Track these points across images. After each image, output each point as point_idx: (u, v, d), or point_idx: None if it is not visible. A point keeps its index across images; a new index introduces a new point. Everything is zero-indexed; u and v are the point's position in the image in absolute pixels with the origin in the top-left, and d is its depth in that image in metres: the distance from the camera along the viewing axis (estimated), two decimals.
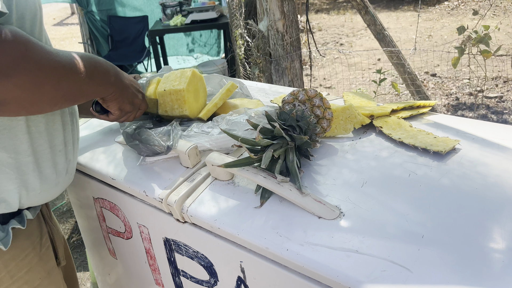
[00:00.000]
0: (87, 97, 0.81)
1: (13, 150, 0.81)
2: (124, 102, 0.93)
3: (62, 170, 0.93)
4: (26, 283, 0.93)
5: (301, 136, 0.84)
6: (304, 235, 0.76)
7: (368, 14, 2.55)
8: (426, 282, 0.64)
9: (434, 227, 0.72)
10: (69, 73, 0.72)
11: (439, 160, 0.88)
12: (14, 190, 0.84)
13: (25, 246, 0.92)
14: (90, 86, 0.78)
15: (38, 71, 0.66)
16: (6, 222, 0.88)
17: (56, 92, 0.71)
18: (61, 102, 0.74)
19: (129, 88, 0.93)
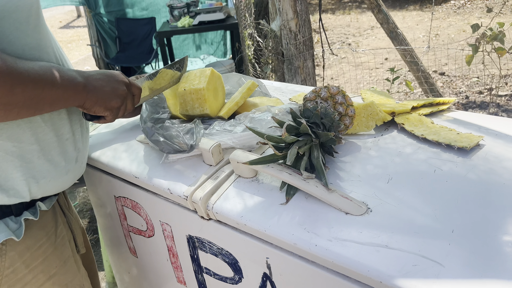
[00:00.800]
0: (51, 104, 0.79)
1: (16, 139, 0.82)
2: (107, 100, 0.90)
3: (72, 158, 0.95)
4: (41, 272, 0.95)
5: (327, 133, 0.85)
6: (332, 230, 0.76)
7: (381, 13, 2.55)
8: (458, 277, 0.64)
9: (464, 222, 0.72)
10: (26, 79, 0.72)
11: (463, 156, 0.89)
12: (20, 178, 0.85)
13: (39, 236, 0.94)
14: (53, 93, 0.77)
15: None
16: (20, 214, 0.90)
17: (12, 97, 0.70)
18: (19, 108, 0.73)
19: (104, 87, 0.90)
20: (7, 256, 0.88)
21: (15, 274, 0.90)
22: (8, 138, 0.82)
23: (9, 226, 0.88)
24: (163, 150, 0.98)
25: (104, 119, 0.95)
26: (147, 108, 1.07)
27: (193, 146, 0.95)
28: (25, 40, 0.80)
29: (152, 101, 1.10)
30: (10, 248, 0.88)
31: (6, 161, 0.83)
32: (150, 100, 1.09)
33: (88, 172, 1.23)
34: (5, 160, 0.82)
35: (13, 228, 0.88)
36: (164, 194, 0.99)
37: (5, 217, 0.88)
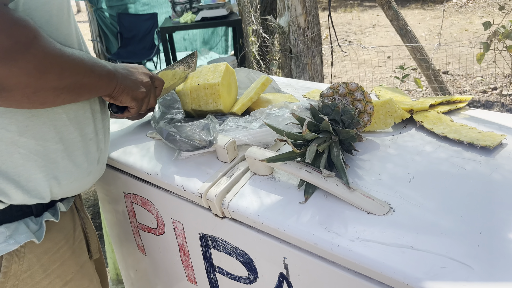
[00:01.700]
0: (89, 91, 0.80)
1: (41, 138, 0.80)
2: (133, 90, 0.91)
3: (94, 159, 0.92)
4: (58, 277, 0.91)
5: (348, 130, 0.82)
6: (354, 230, 0.74)
7: (391, 9, 2.53)
8: (489, 280, 0.62)
9: (492, 223, 0.70)
10: (72, 64, 0.72)
11: (486, 155, 0.87)
12: (43, 178, 0.82)
13: (58, 239, 0.91)
14: (92, 80, 0.78)
15: (44, 58, 0.67)
16: (40, 215, 0.87)
17: (59, 81, 0.71)
18: (64, 94, 0.74)
19: (130, 76, 0.91)
20: (25, 259, 0.84)
21: (31, 278, 0.86)
22: (33, 136, 0.79)
23: (30, 227, 0.84)
24: (181, 149, 0.96)
25: (128, 112, 0.95)
26: (159, 109, 1.05)
27: (212, 141, 0.93)
28: (55, 34, 0.78)
29: (164, 102, 1.07)
30: (28, 251, 0.85)
31: (30, 161, 0.80)
32: (163, 100, 1.07)
33: None
34: (28, 159, 0.79)
35: (33, 229, 0.85)
36: (177, 191, 0.97)
37: (25, 217, 0.84)
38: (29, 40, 0.64)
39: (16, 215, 0.82)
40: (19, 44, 0.63)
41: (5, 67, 0.62)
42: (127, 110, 0.95)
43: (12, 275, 0.83)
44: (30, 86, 0.67)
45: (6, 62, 0.62)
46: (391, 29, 6.70)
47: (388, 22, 5.74)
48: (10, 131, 0.76)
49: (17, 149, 0.78)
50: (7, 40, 0.61)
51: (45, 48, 0.67)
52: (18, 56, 0.63)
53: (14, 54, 0.62)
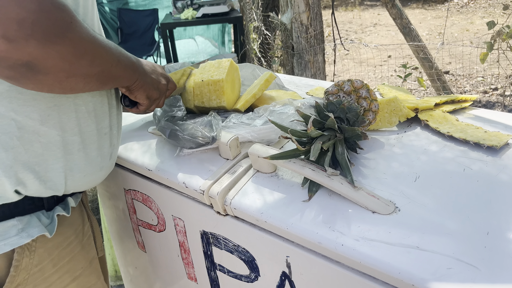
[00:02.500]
0: (114, 80, 0.81)
1: (60, 128, 0.80)
2: (150, 88, 0.91)
3: (107, 154, 0.92)
4: (67, 272, 0.91)
5: (354, 128, 0.81)
6: (358, 230, 0.73)
7: (395, 8, 2.52)
8: (496, 281, 0.61)
9: (499, 224, 0.69)
10: (103, 52, 0.73)
11: (493, 155, 0.86)
12: (59, 169, 0.82)
13: (68, 234, 0.91)
14: (118, 69, 0.79)
15: (79, 43, 0.67)
16: (51, 209, 0.86)
17: (90, 68, 0.71)
18: (93, 81, 0.74)
19: (152, 73, 0.92)
20: (36, 253, 0.84)
21: (41, 273, 0.85)
22: (53, 126, 0.79)
23: (41, 220, 0.83)
24: (185, 146, 0.95)
25: (137, 108, 0.95)
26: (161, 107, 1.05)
27: (215, 137, 0.92)
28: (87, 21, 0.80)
29: (166, 100, 1.07)
30: (40, 245, 0.84)
31: (49, 150, 0.79)
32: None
33: None
34: (48, 149, 0.79)
35: (45, 223, 0.84)
36: (179, 188, 0.96)
37: (37, 211, 0.83)
38: (67, 24, 0.64)
39: (28, 208, 0.82)
40: (57, 27, 0.63)
41: (43, 49, 0.62)
42: (137, 107, 0.95)
43: (23, 269, 0.82)
44: (64, 70, 0.67)
45: (45, 44, 0.61)
46: (392, 28, 6.70)
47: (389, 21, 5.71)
48: (33, 119, 0.76)
49: (38, 138, 0.77)
50: (46, 22, 0.61)
51: (81, 33, 0.67)
52: (56, 39, 0.62)
53: (52, 37, 0.62)
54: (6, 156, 0.75)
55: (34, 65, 0.63)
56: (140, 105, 0.94)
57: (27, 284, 0.84)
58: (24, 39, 0.59)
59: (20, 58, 0.61)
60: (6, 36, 0.58)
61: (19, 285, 0.83)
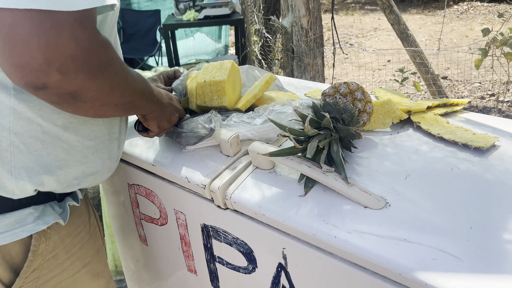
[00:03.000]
0: (136, 110, 0.89)
1: (80, 134, 0.87)
2: (163, 120, 0.98)
3: (115, 156, 0.99)
4: (78, 259, 0.97)
5: (348, 127, 0.86)
6: (351, 223, 0.78)
7: (393, 13, 2.57)
8: (477, 271, 0.66)
9: (482, 219, 0.74)
10: (132, 84, 0.80)
11: (480, 156, 0.90)
12: (76, 172, 0.89)
13: (77, 223, 0.97)
14: (141, 101, 0.86)
15: (117, 76, 0.74)
16: (62, 200, 0.93)
17: (121, 99, 0.78)
18: (120, 110, 0.82)
19: (168, 107, 0.99)
20: (51, 240, 0.90)
21: (56, 259, 0.92)
22: (74, 132, 0.86)
23: (55, 210, 0.90)
24: (189, 143, 1.00)
25: (148, 134, 1.02)
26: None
27: (213, 128, 0.97)
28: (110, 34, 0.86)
29: None
30: (54, 232, 0.91)
31: (69, 155, 0.86)
32: None
33: None
34: (69, 153, 0.86)
35: (58, 212, 0.91)
36: (181, 182, 1.00)
37: (50, 201, 0.90)
38: (109, 60, 0.71)
39: (43, 199, 0.88)
40: (102, 63, 0.70)
41: (88, 81, 0.68)
42: (147, 133, 1.03)
43: (40, 254, 0.89)
44: (100, 100, 0.74)
45: (90, 77, 0.68)
46: (392, 33, 6.75)
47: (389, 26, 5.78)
48: (57, 126, 0.83)
49: (60, 143, 0.84)
50: (94, 59, 0.68)
51: (118, 67, 0.75)
52: (99, 73, 0.70)
53: (97, 71, 0.69)
54: (29, 158, 0.81)
55: (78, 94, 0.70)
56: (151, 132, 1.01)
57: (42, 269, 0.90)
58: (74, 72, 0.66)
59: (67, 88, 0.67)
60: (60, 70, 0.64)
61: (35, 269, 0.89)
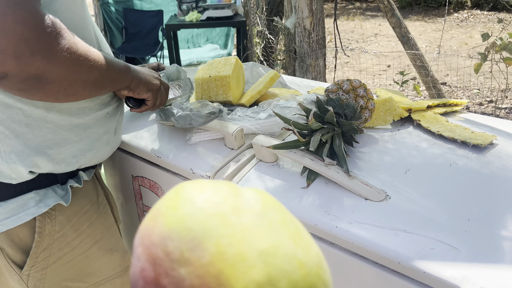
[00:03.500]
0: (111, 84, 0.87)
1: (66, 113, 0.88)
2: (148, 82, 0.97)
3: (111, 130, 0.99)
4: (88, 236, 1.00)
5: (351, 122, 0.88)
6: (352, 214, 0.80)
7: (394, 17, 2.61)
8: (474, 261, 0.68)
9: (479, 212, 0.76)
10: (97, 59, 0.79)
11: (478, 153, 0.93)
12: (70, 150, 0.90)
13: (83, 203, 0.99)
14: (112, 73, 0.85)
15: (77, 52, 0.74)
16: (65, 183, 0.95)
17: (89, 75, 0.78)
18: (91, 86, 0.81)
19: (143, 71, 0.98)
20: (57, 221, 0.93)
21: (64, 238, 0.95)
22: (58, 112, 0.86)
23: (57, 192, 0.92)
24: (193, 124, 1.01)
25: (145, 105, 1.02)
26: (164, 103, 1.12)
27: (221, 110, 1.00)
28: (72, 19, 0.84)
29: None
30: (59, 213, 0.93)
31: (58, 134, 0.88)
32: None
33: None
34: (56, 133, 0.87)
35: (61, 194, 0.93)
36: (186, 174, 1.02)
37: (52, 185, 0.92)
38: (63, 37, 0.71)
39: (44, 183, 0.90)
40: (56, 41, 0.69)
41: (47, 61, 0.69)
42: (144, 104, 1.02)
43: (47, 235, 0.92)
44: (67, 78, 0.74)
45: (48, 56, 0.68)
46: (392, 39, 6.79)
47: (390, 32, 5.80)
48: (39, 108, 0.83)
49: (46, 124, 0.85)
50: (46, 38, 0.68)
51: (77, 44, 0.74)
52: (56, 51, 0.70)
53: (53, 50, 0.69)
54: (17, 142, 0.83)
55: (42, 76, 0.70)
56: (146, 100, 1.01)
57: (52, 248, 0.93)
58: (31, 55, 0.66)
59: (29, 71, 0.68)
60: (15, 55, 0.65)
61: (45, 249, 0.92)
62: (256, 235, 0.28)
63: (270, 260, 0.27)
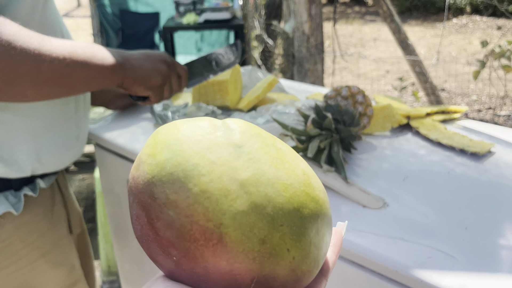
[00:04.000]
0: (87, 84, 0.79)
1: (22, 114, 0.82)
2: (146, 80, 0.89)
3: (72, 135, 0.93)
4: (36, 248, 0.93)
5: (349, 128, 0.88)
6: (349, 222, 0.79)
7: (394, 23, 2.61)
8: (471, 270, 0.67)
9: (477, 220, 0.76)
10: (52, 57, 0.71)
11: (476, 161, 0.93)
12: (24, 153, 0.84)
13: (36, 213, 0.93)
14: (86, 72, 0.77)
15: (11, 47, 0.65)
16: (19, 189, 0.89)
17: (36, 74, 0.69)
18: (49, 86, 0.73)
19: (143, 65, 0.89)
20: (4, 229, 0.87)
21: (10, 247, 0.89)
22: (13, 113, 0.81)
23: (9, 199, 0.86)
24: None
25: (150, 100, 0.95)
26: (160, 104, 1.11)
27: (215, 112, 0.99)
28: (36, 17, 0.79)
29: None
30: (8, 221, 0.87)
31: (12, 136, 0.82)
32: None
33: (101, 154, 1.25)
34: (11, 134, 0.81)
35: (12, 202, 0.87)
36: None
37: (5, 191, 0.87)
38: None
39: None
40: None
41: None
42: (148, 99, 0.96)
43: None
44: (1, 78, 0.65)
45: None
46: (391, 44, 6.81)
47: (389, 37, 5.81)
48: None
49: (0, 124, 0.80)
50: None
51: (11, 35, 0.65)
52: None
53: None
54: None
55: None
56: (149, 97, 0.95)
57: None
58: None
59: None
60: None
61: None
62: (235, 168, 0.29)
63: (252, 189, 0.28)
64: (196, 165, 0.28)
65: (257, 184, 0.28)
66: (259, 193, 0.28)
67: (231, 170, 0.28)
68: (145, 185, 0.29)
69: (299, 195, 0.29)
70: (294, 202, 0.29)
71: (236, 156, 0.29)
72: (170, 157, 0.29)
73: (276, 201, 0.28)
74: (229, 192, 0.28)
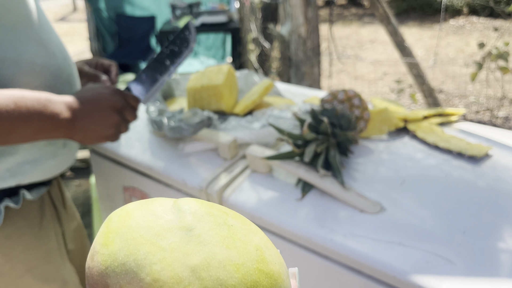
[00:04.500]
0: (29, 139, 0.76)
1: None
2: (97, 134, 0.84)
3: (58, 142, 0.88)
4: (21, 262, 0.87)
5: (346, 132, 0.87)
6: (347, 227, 0.79)
7: (390, 25, 2.61)
8: (469, 274, 0.67)
9: (475, 224, 0.75)
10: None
11: (473, 164, 0.92)
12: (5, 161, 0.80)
13: (20, 225, 0.87)
14: (26, 128, 0.74)
15: None
16: (0, 201, 0.83)
17: None
18: None
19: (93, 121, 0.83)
20: None
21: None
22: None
23: None
24: (184, 134, 0.99)
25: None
26: (155, 108, 1.10)
27: (211, 117, 0.98)
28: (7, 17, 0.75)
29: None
30: None
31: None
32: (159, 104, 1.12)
33: (97, 161, 1.24)
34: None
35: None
36: (178, 185, 1.01)
37: None
38: None
39: None
40: None
41: None
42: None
43: None
44: None
45: None
46: (388, 46, 6.81)
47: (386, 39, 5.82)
48: None
49: None
50: None
51: None
52: None
53: None
54: None
55: None
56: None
57: None
58: None
59: None
60: None
61: None
62: (186, 253, 0.29)
63: (203, 274, 0.28)
64: (148, 253, 0.29)
65: (208, 268, 0.29)
66: (210, 277, 0.28)
67: (182, 256, 0.29)
68: (99, 276, 0.29)
69: (252, 273, 0.29)
70: (247, 282, 0.29)
71: (187, 241, 0.30)
72: (122, 247, 0.29)
73: (228, 283, 0.28)
74: (181, 280, 0.28)
